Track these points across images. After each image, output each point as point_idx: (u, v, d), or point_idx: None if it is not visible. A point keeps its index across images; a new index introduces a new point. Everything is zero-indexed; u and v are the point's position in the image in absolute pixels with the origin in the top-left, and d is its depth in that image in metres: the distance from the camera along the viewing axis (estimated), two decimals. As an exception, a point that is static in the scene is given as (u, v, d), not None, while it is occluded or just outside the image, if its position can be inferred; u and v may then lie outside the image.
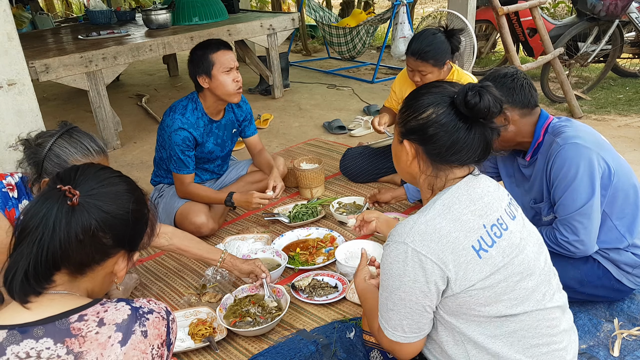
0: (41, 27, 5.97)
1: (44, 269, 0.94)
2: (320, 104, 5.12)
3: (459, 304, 1.20)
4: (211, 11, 4.99)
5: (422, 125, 1.23)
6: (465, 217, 1.20)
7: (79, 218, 0.94)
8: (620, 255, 1.86)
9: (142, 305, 1.00)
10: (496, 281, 1.19)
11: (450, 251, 1.16)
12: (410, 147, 1.28)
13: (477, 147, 1.22)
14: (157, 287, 2.37)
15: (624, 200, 1.82)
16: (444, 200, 1.22)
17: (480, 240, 1.19)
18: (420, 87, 1.32)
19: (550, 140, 1.84)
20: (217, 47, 2.53)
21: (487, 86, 1.19)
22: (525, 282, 1.23)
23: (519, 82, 1.85)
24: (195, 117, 2.61)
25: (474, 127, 1.21)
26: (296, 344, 1.89)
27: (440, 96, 1.24)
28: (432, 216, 1.20)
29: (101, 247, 0.99)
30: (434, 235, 1.17)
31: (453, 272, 1.17)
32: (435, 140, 1.22)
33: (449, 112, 1.21)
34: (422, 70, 2.67)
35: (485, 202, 1.24)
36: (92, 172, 1.02)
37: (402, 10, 5.31)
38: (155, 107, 5.17)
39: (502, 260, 1.20)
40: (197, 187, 2.70)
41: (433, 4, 11.91)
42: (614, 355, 1.80)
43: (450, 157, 1.23)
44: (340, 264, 2.29)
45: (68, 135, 1.59)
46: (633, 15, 4.75)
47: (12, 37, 2.57)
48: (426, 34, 2.67)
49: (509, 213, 1.28)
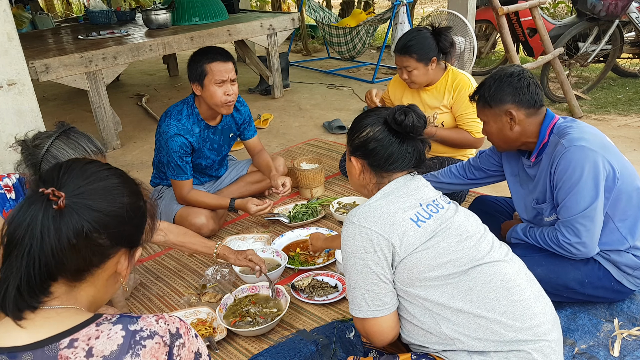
0: (41, 27, 5.97)
1: (38, 282, 0.86)
2: (320, 104, 5.12)
3: (409, 269, 1.35)
4: (211, 11, 4.99)
5: (363, 142, 1.50)
6: (402, 199, 1.43)
7: (69, 221, 0.85)
8: (621, 257, 1.86)
9: (143, 327, 0.89)
10: (436, 242, 1.37)
11: (390, 222, 1.36)
12: (357, 162, 1.54)
13: (410, 156, 1.48)
14: (157, 287, 2.37)
15: (627, 202, 1.82)
16: (383, 190, 1.47)
17: (417, 214, 1.40)
18: (362, 113, 1.58)
19: (556, 141, 1.83)
20: (214, 56, 2.48)
21: (413, 106, 1.46)
22: (466, 242, 1.39)
23: (526, 81, 1.84)
24: (191, 123, 2.59)
25: (405, 140, 1.47)
26: (296, 344, 1.89)
27: (376, 117, 1.51)
28: (373, 201, 1.45)
29: (98, 249, 0.90)
30: (375, 212, 1.39)
31: (397, 239, 1.35)
32: (375, 153, 1.48)
33: (384, 129, 1.48)
34: (407, 65, 2.70)
35: (420, 190, 1.47)
36: (77, 168, 0.93)
37: (402, 10, 5.31)
38: (155, 107, 5.17)
39: (440, 227, 1.39)
40: (197, 194, 2.68)
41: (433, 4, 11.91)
42: (614, 355, 1.79)
43: (389, 166, 1.48)
44: (340, 264, 2.29)
45: (65, 136, 1.58)
46: (633, 15, 4.75)
47: (12, 37, 2.57)
48: (411, 30, 2.73)
49: (443, 199, 1.49)
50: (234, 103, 2.56)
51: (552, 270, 1.86)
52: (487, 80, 1.90)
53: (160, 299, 2.27)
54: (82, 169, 0.93)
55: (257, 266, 2.13)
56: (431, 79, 2.77)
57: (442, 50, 2.70)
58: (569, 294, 1.92)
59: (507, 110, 1.85)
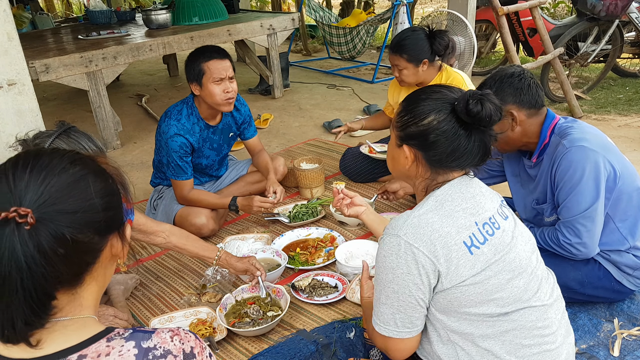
0: (41, 27, 5.97)
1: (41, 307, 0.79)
2: (320, 104, 5.12)
3: (450, 300, 1.21)
4: (211, 11, 4.99)
5: (423, 131, 1.26)
6: (457, 213, 1.22)
7: (47, 234, 0.77)
8: (621, 257, 1.86)
9: (157, 345, 0.83)
10: (487, 277, 1.20)
11: (441, 245, 1.18)
12: (410, 152, 1.30)
13: (476, 153, 1.25)
14: (157, 287, 2.37)
15: (628, 203, 1.82)
16: (436, 197, 1.25)
17: (472, 236, 1.21)
18: (419, 91, 1.32)
19: (557, 141, 1.83)
20: (210, 55, 2.47)
21: (488, 94, 1.20)
22: (517, 281, 1.23)
23: (526, 81, 1.83)
24: (191, 122, 2.59)
25: (473, 133, 1.23)
26: (296, 344, 1.89)
27: (441, 102, 1.25)
28: (425, 211, 1.23)
29: (88, 247, 0.83)
30: (426, 228, 1.19)
31: (444, 266, 1.18)
32: (436, 146, 1.25)
33: (450, 119, 1.23)
34: (398, 64, 2.71)
35: (477, 201, 1.26)
36: (26, 172, 0.80)
37: (402, 10, 5.31)
38: (155, 107, 5.17)
39: (494, 257, 1.21)
40: (198, 194, 2.68)
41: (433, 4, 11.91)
42: (614, 355, 1.80)
43: (451, 162, 1.26)
44: (340, 264, 2.29)
45: (66, 135, 1.58)
46: (633, 15, 4.75)
47: (12, 37, 2.57)
48: (406, 30, 2.73)
49: (500, 214, 1.30)
50: (234, 100, 2.56)
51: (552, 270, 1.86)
52: (487, 81, 1.89)
53: (160, 299, 2.27)
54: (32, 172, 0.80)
55: (258, 272, 2.09)
56: (422, 79, 2.77)
57: (435, 52, 2.68)
58: (569, 294, 1.92)
59: (509, 111, 1.84)
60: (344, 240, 2.53)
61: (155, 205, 2.84)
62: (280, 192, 2.64)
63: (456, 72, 2.79)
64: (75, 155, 0.86)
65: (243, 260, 2.13)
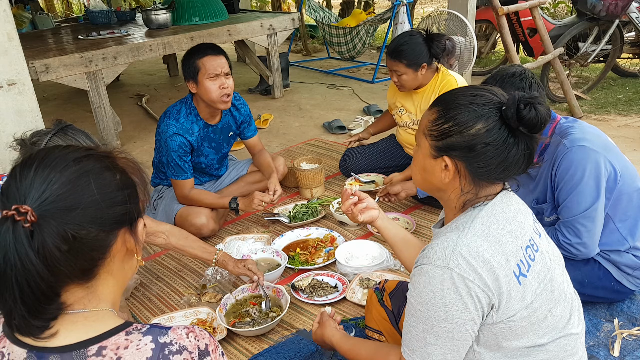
0: (41, 27, 5.96)
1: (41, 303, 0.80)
2: (320, 104, 5.12)
3: (495, 334, 1.11)
4: (211, 11, 4.99)
5: (469, 141, 1.10)
6: (504, 238, 1.10)
7: (48, 234, 0.77)
8: (621, 257, 1.86)
9: (173, 340, 0.85)
10: (533, 310, 1.11)
11: (494, 278, 1.06)
12: (451, 164, 1.14)
13: (521, 162, 1.13)
14: (157, 287, 2.37)
15: (628, 203, 1.82)
16: (482, 219, 1.12)
17: (519, 264, 1.10)
18: (456, 94, 1.17)
19: (557, 141, 1.82)
20: (205, 52, 2.47)
21: (537, 97, 1.08)
22: (555, 309, 1.16)
23: (527, 81, 1.81)
24: (190, 122, 2.58)
25: (520, 140, 1.11)
26: (296, 344, 1.89)
27: (488, 108, 1.11)
28: (472, 237, 1.09)
29: (94, 243, 0.83)
30: (478, 259, 1.06)
31: (497, 300, 1.07)
32: (484, 158, 1.11)
33: (499, 126, 1.10)
34: (397, 69, 2.71)
35: (519, 221, 1.16)
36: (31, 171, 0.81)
37: (402, 10, 5.31)
38: (155, 107, 5.17)
39: (538, 287, 1.12)
40: (198, 193, 2.68)
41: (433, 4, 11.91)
42: (614, 355, 1.79)
43: (498, 175, 1.13)
44: (340, 264, 2.29)
45: (63, 133, 1.58)
46: (633, 15, 4.75)
47: (12, 37, 2.57)
48: (404, 34, 2.71)
49: (535, 231, 1.20)
50: (230, 97, 2.55)
51: None
52: (488, 81, 1.88)
53: (160, 299, 2.27)
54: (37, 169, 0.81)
55: (255, 276, 2.08)
56: (421, 82, 2.78)
57: (433, 55, 2.69)
58: (569, 294, 1.92)
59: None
60: (344, 240, 2.53)
61: (155, 205, 2.84)
62: (278, 195, 2.65)
63: (450, 75, 2.79)
64: (84, 152, 0.86)
65: (239, 264, 2.12)
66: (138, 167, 0.93)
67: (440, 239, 1.12)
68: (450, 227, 1.15)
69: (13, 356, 0.83)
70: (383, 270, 2.27)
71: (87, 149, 0.87)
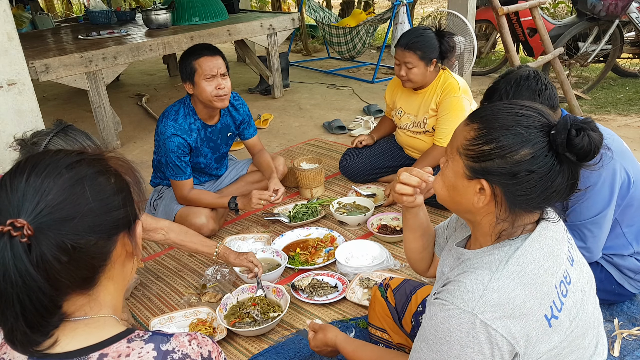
0: (41, 27, 5.96)
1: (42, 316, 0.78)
2: (320, 104, 5.12)
3: None
4: (211, 11, 4.99)
5: (513, 167, 0.99)
6: (541, 279, 1.01)
7: (46, 246, 0.75)
8: (624, 261, 1.85)
9: (175, 348, 0.83)
10: (562, 348, 1.04)
11: (522, 325, 0.98)
12: (489, 188, 1.03)
13: (565, 189, 1.02)
14: (157, 287, 2.37)
15: (637, 209, 1.80)
16: (518, 259, 1.02)
17: (552, 305, 1.02)
18: (500, 110, 1.05)
19: None
20: (201, 52, 2.46)
21: (590, 122, 0.98)
22: (584, 340, 1.09)
23: (542, 82, 1.75)
24: (188, 122, 2.58)
25: (567, 168, 1.00)
26: (296, 344, 1.90)
27: (535, 131, 0.99)
28: (506, 282, 0.99)
29: (95, 251, 0.81)
30: (507, 307, 0.98)
31: (523, 347, 0.99)
32: (526, 185, 1.00)
33: (547, 152, 0.98)
34: (409, 61, 2.68)
35: (555, 254, 1.06)
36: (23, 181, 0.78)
37: (402, 10, 5.31)
38: (155, 107, 5.17)
39: (570, 325, 1.04)
40: (198, 194, 2.68)
41: (433, 4, 11.91)
42: (614, 355, 1.79)
43: (539, 204, 1.04)
44: (340, 264, 2.29)
45: (63, 133, 1.58)
46: (633, 15, 4.75)
47: (12, 37, 2.57)
48: (416, 28, 2.75)
49: (569, 259, 1.10)
50: (227, 96, 2.54)
51: None
52: (501, 84, 1.78)
53: (160, 299, 2.27)
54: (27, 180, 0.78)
55: (256, 268, 2.11)
56: (426, 80, 2.78)
57: (442, 52, 2.70)
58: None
59: None
60: (344, 240, 2.54)
61: (155, 205, 2.84)
62: (281, 193, 2.64)
63: (453, 78, 2.78)
64: (74, 157, 0.83)
65: (240, 256, 2.14)
66: (130, 165, 0.91)
67: (469, 277, 1.02)
68: (482, 262, 1.05)
69: None
70: (383, 270, 2.27)
71: (78, 153, 0.84)
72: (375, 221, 2.68)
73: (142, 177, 0.95)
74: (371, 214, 2.73)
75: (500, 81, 1.81)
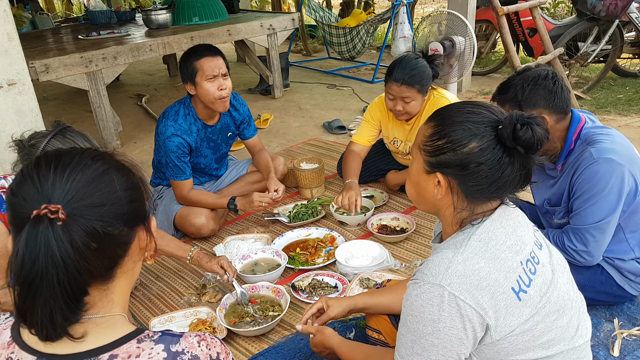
0: (41, 27, 5.97)
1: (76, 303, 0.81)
2: (320, 104, 5.12)
3: (497, 351, 1.10)
4: (211, 11, 4.99)
5: (463, 159, 1.09)
6: (504, 254, 1.09)
7: (79, 229, 0.78)
8: (625, 264, 1.84)
9: (185, 349, 0.84)
10: (535, 323, 1.10)
11: (490, 295, 1.05)
12: (444, 180, 1.13)
13: (518, 180, 1.11)
14: (157, 287, 2.37)
15: None
16: (480, 236, 1.10)
17: (519, 280, 1.08)
18: (452, 109, 1.15)
19: (583, 148, 1.75)
20: (202, 53, 2.46)
21: (535, 117, 1.07)
22: (561, 320, 1.14)
23: (559, 84, 1.73)
24: (188, 122, 2.58)
25: (516, 160, 1.09)
26: (296, 344, 1.90)
27: (483, 126, 1.09)
28: (469, 255, 1.07)
29: (120, 239, 0.85)
30: (472, 277, 1.05)
31: (493, 318, 1.05)
32: (477, 176, 1.09)
33: (494, 146, 1.08)
34: (407, 96, 2.53)
35: (518, 234, 1.13)
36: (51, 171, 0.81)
37: (402, 10, 5.31)
38: (155, 107, 5.17)
39: (540, 300, 1.10)
40: (197, 194, 2.68)
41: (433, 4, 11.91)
42: (614, 355, 1.79)
43: (491, 193, 1.12)
44: (340, 264, 2.29)
45: (61, 135, 1.58)
46: (633, 15, 4.75)
47: (12, 37, 2.57)
48: (408, 59, 2.54)
49: (535, 242, 1.18)
50: (228, 98, 2.54)
51: None
52: (518, 80, 1.76)
53: (160, 299, 2.27)
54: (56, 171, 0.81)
55: (225, 275, 2.13)
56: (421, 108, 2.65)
57: (433, 77, 2.59)
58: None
59: (541, 116, 1.71)
60: (344, 240, 2.53)
61: (155, 205, 2.84)
62: (282, 191, 2.64)
63: (444, 97, 2.66)
64: (95, 152, 0.87)
65: (212, 261, 2.17)
66: (138, 168, 0.95)
67: (436, 255, 1.11)
68: (448, 244, 1.13)
69: None
70: (383, 270, 2.27)
71: (95, 150, 0.88)
72: (375, 221, 2.68)
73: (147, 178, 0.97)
74: (371, 214, 2.73)
75: (516, 77, 1.78)
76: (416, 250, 2.49)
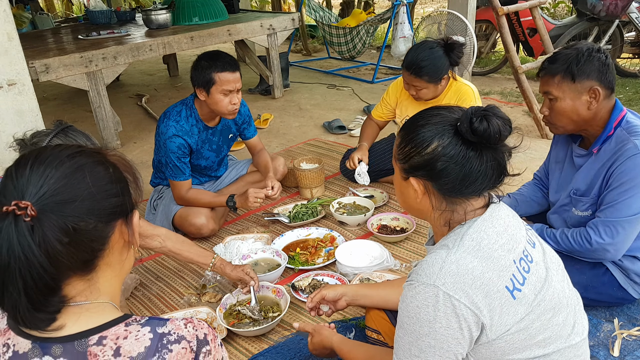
0: (41, 27, 5.96)
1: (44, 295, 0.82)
2: (320, 104, 5.12)
3: (493, 351, 1.10)
4: (211, 11, 5.00)
5: (429, 160, 1.13)
6: (496, 253, 1.10)
7: (50, 225, 0.80)
8: (634, 265, 1.83)
9: (171, 331, 0.87)
10: (530, 321, 1.10)
11: (484, 294, 1.06)
12: (419, 184, 1.17)
13: (491, 174, 1.13)
14: (157, 287, 2.37)
15: None
16: (472, 236, 1.11)
17: (512, 279, 1.09)
18: (416, 117, 1.21)
19: (624, 137, 1.74)
20: (224, 66, 2.45)
21: (492, 108, 1.10)
22: (557, 318, 1.15)
23: (609, 60, 1.72)
24: (190, 124, 2.58)
25: (484, 153, 1.11)
26: (296, 344, 1.90)
27: (442, 126, 1.14)
28: (462, 254, 1.09)
29: (94, 234, 0.85)
30: (466, 277, 1.06)
31: (488, 317, 1.06)
32: (446, 174, 1.13)
33: (456, 142, 1.11)
34: (417, 85, 2.61)
35: (510, 233, 1.14)
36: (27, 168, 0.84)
37: (402, 10, 5.31)
38: (155, 107, 5.17)
39: (535, 298, 1.11)
40: (196, 194, 2.67)
41: (433, 4, 11.91)
42: (614, 355, 1.79)
43: (465, 189, 1.14)
44: (340, 264, 2.29)
45: (63, 134, 1.58)
46: (633, 15, 4.75)
47: (12, 37, 2.57)
48: (423, 47, 2.57)
49: (528, 241, 1.19)
50: (238, 109, 2.56)
51: None
52: (571, 52, 1.75)
53: (160, 299, 2.28)
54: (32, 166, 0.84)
55: (252, 281, 2.07)
56: (437, 93, 2.70)
57: (453, 63, 2.61)
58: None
59: (593, 88, 1.72)
60: (344, 240, 2.54)
61: (155, 205, 2.84)
62: (278, 188, 2.64)
63: (467, 85, 2.73)
64: (76, 149, 0.88)
65: (237, 269, 2.11)
66: (130, 164, 0.96)
67: (430, 256, 1.12)
68: (440, 245, 1.15)
69: (18, 347, 0.85)
70: (383, 270, 2.27)
71: (78, 147, 0.90)
72: (375, 221, 2.68)
73: (140, 177, 0.99)
74: (371, 214, 2.73)
75: (569, 48, 1.77)
76: (416, 250, 2.49)
